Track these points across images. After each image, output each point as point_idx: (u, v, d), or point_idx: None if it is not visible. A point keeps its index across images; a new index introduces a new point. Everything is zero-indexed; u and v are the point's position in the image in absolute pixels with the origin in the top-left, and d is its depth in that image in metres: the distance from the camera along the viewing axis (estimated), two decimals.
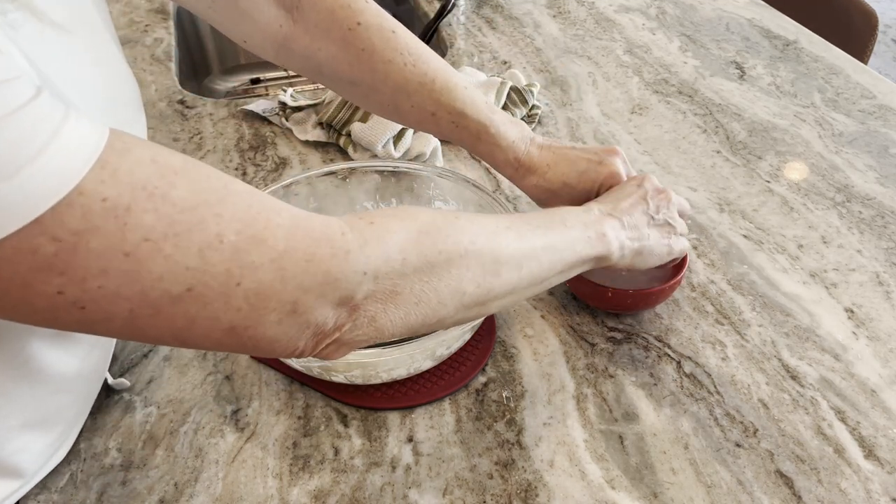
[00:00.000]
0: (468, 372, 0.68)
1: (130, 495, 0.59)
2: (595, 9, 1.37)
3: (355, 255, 0.44)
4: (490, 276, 0.51)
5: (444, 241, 0.49)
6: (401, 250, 0.46)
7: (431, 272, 0.48)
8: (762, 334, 0.73)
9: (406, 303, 0.47)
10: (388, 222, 0.47)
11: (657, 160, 0.97)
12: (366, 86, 0.68)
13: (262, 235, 0.40)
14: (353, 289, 0.44)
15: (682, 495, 0.59)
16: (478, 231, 0.51)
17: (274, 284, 0.41)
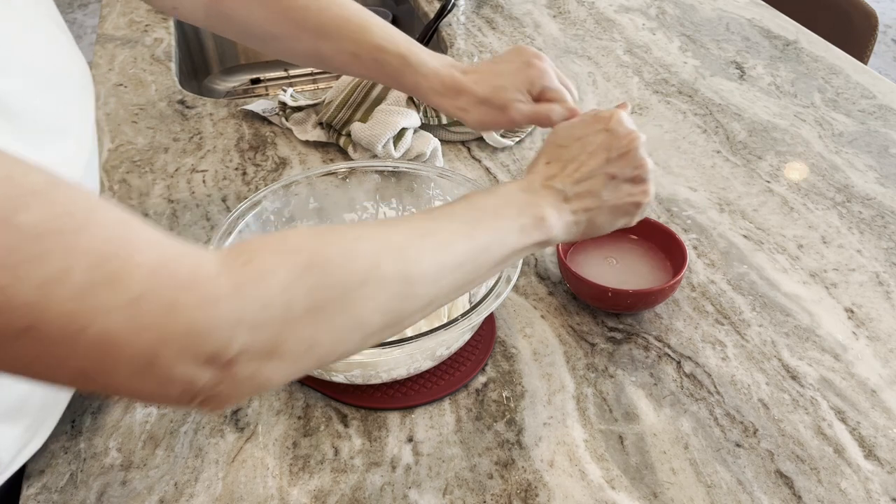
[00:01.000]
0: (468, 372, 0.68)
1: (130, 495, 0.59)
2: (595, 9, 1.37)
3: (226, 303, 0.37)
4: (400, 299, 0.45)
5: (338, 273, 0.42)
6: (283, 291, 0.40)
7: (324, 311, 0.41)
8: (762, 334, 0.73)
9: (293, 352, 0.41)
10: (266, 260, 0.40)
11: (657, 160, 0.97)
12: (288, 37, 0.69)
13: (118, 275, 0.35)
14: (223, 343, 0.38)
15: (682, 495, 0.59)
16: (382, 250, 0.45)
17: (125, 334, 0.35)
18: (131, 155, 0.98)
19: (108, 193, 0.91)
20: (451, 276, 0.48)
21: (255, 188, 0.92)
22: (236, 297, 0.38)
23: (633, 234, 0.79)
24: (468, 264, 0.49)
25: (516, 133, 1.01)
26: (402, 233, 0.47)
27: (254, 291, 0.39)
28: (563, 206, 0.56)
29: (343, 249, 0.43)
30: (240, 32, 0.72)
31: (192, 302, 0.37)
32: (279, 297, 0.39)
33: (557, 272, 0.79)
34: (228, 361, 0.38)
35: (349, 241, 0.44)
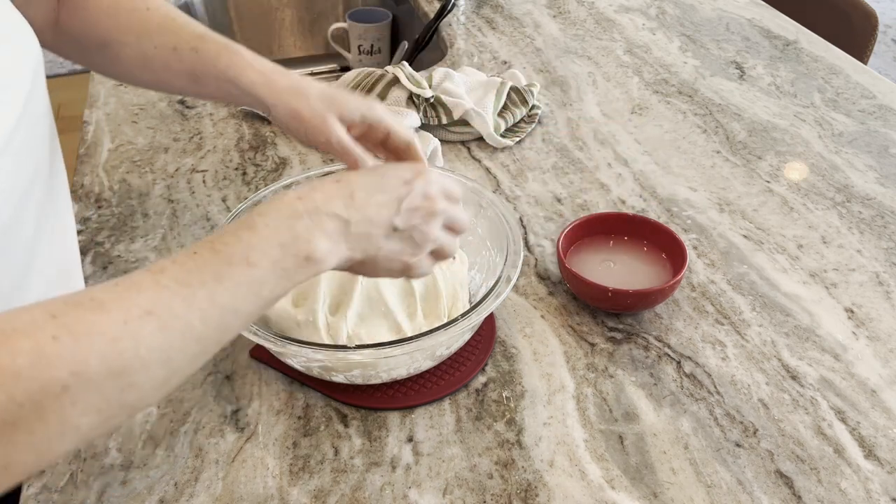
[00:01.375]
0: (468, 372, 0.68)
1: (130, 495, 0.59)
2: (595, 9, 1.37)
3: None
4: (117, 393, 0.39)
5: (27, 387, 0.36)
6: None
7: (15, 432, 0.36)
8: (762, 334, 0.73)
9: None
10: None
11: (657, 160, 0.97)
12: (115, 42, 0.67)
13: None
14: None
15: (682, 495, 0.59)
16: (84, 348, 0.38)
17: None
18: (131, 155, 0.98)
19: (108, 193, 0.92)
20: (187, 352, 0.42)
21: (255, 188, 0.92)
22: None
23: (633, 235, 0.79)
24: (211, 333, 0.43)
25: (516, 133, 1.01)
26: (118, 316, 0.40)
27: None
28: (341, 239, 0.50)
29: (34, 357, 0.37)
30: (76, 49, 0.70)
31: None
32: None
33: (557, 272, 0.80)
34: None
35: (43, 343, 0.37)
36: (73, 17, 0.68)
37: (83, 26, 0.69)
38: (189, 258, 0.44)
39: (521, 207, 0.89)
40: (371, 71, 1.01)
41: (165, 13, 0.68)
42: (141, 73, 0.68)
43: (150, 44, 0.66)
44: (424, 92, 0.97)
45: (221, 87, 0.65)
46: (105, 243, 0.84)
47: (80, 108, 1.09)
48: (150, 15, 0.67)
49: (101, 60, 0.71)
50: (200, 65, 0.65)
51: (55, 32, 0.70)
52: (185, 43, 0.65)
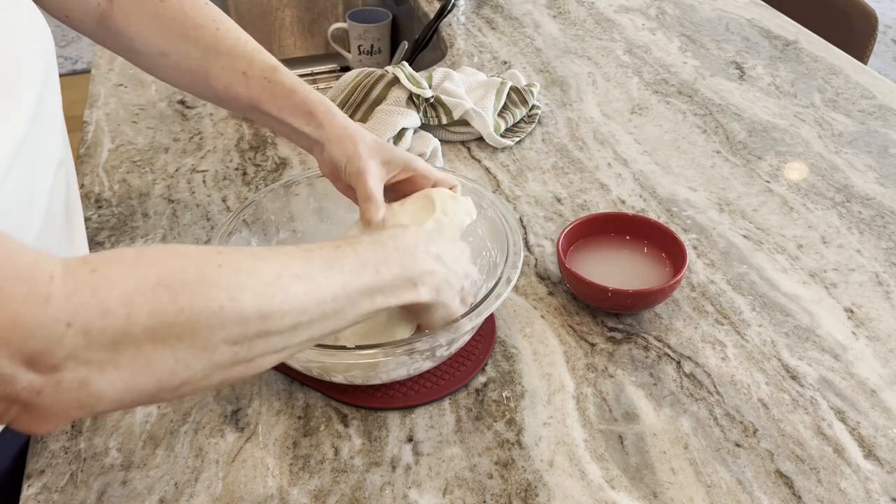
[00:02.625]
0: (468, 372, 0.68)
1: (130, 495, 0.59)
2: (595, 9, 1.37)
3: (57, 303, 0.37)
4: (253, 336, 0.44)
5: (189, 297, 0.41)
6: (125, 304, 0.38)
7: (169, 332, 0.40)
8: (762, 334, 0.73)
9: (132, 364, 0.39)
10: (113, 270, 0.39)
11: (657, 160, 0.97)
12: (176, 54, 0.68)
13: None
14: (50, 343, 0.36)
15: (682, 495, 0.59)
16: (244, 283, 0.43)
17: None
18: (131, 155, 0.98)
19: (108, 193, 0.92)
20: (310, 326, 0.47)
21: (255, 188, 0.92)
22: (71, 299, 0.37)
23: (633, 235, 0.79)
24: (331, 317, 0.49)
25: (516, 133, 1.01)
26: (273, 269, 0.46)
27: (91, 298, 0.38)
28: (441, 279, 0.57)
29: (201, 275, 0.42)
30: (126, 48, 0.71)
31: (20, 294, 0.36)
32: (119, 308, 0.38)
33: (557, 272, 0.80)
34: (54, 366, 0.37)
35: (210, 268, 0.43)
36: (132, 20, 0.69)
37: (142, 31, 0.69)
38: (333, 249, 0.51)
39: (521, 207, 0.89)
40: (371, 71, 1.01)
41: (237, 36, 0.69)
42: (197, 87, 0.71)
43: (218, 63, 0.68)
44: (424, 92, 0.97)
45: (284, 118, 0.67)
46: (105, 243, 0.84)
47: (80, 108, 1.09)
48: (221, 35, 0.68)
49: (151, 64, 0.71)
50: (268, 94, 0.67)
51: (101, 27, 0.70)
52: (258, 70, 0.67)
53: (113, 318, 0.38)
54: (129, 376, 0.40)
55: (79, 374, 0.38)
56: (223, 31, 0.68)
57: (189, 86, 0.72)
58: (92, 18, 0.69)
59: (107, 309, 0.38)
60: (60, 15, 0.69)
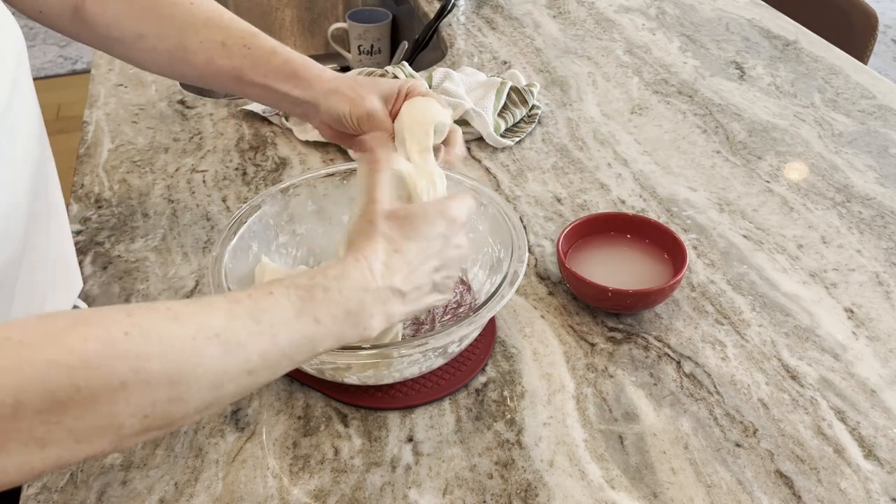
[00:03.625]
0: (468, 372, 0.68)
1: (130, 495, 0.59)
2: (595, 9, 1.37)
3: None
4: (166, 403, 0.41)
5: (87, 375, 0.38)
6: (14, 391, 0.36)
7: (64, 414, 0.37)
8: (762, 334, 0.73)
9: (24, 449, 0.37)
10: (3, 355, 0.37)
11: (657, 160, 0.97)
12: (153, 34, 0.68)
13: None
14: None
15: (682, 495, 0.59)
16: (153, 350, 0.40)
17: None
18: (131, 155, 0.98)
19: (108, 193, 0.92)
20: (237, 382, 0.44)
21: (255, 188, 0.92)
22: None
23: (633, 235, 0.79)
24: (261, 371, 0.45)
25: (516, 133, 1.01)
26: (188, 331, 0.42)
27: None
28: (397, 309, 0.53)
29: (100, 346, 0.38)
30: (104, 37, 0.70)
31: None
32: (7, 397, 0.36)
33: (557, 272, 0.80)
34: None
35: (113, 336, 0.39)
36: (106, 7, 0.68)
37: (117, 16, 0.68)
38: (265, 297, 0.46)
39: (521, 207, 0.89)
40: (371, 71, 1.01)
41: (213, 8, 0.68)
42: (178, 67, 0.69)
43: (195, 38, 0.67)
44: None
45: (270, 84, 0.66)
46: (105, 243, 0.84)
47: (80, 108, 1.09)
48: (195, 9, 0.67)
49: (130, 51, 0.71)
50: (250, 61, 0.66)
51: (75, 19, 0.69)
52: (237, 38, 0.66)
53: (0, 409, 0.36)
54: (23, 460, 0.37)
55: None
56: (197, 5, 0.67)
57: (169, 66, 0.70)
58: (66, 11, 0.69)
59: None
60: (34, 12, 0.68)
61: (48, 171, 0.65)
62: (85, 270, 0.80)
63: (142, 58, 0.71)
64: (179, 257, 0.82)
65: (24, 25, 3.10)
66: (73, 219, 0.88)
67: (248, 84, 0.67)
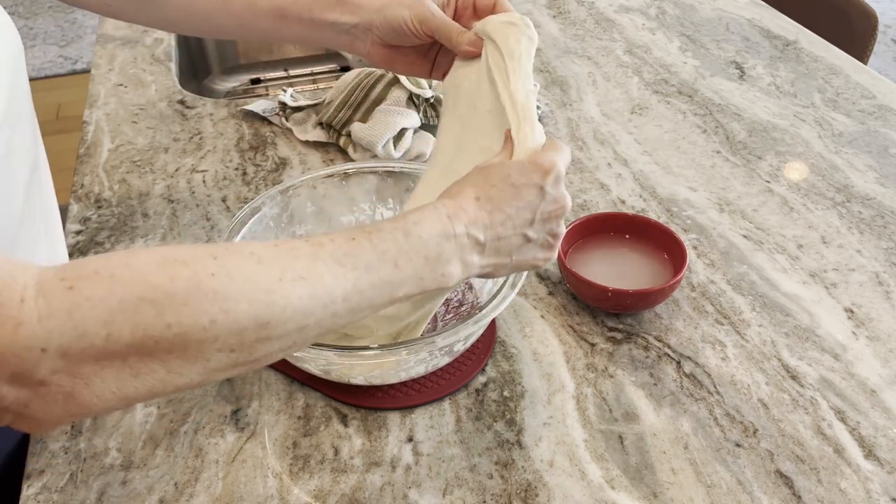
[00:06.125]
0: (468, 372, 0.68)
1: (130, 495, 0.59)
2: (595, 9, 1.37)
3: (29, 329, 0.36)
4: (252, 342, 0.42)
5: (177, 312, 0.39)
6: (104, 325, 0.37)
7: (156, 347, 0.39)
8: (762, 334, 0.73)
9: (118, 377, 0.38)
10: (91, 287, 0.38)
11: (657, 160, 0.97)
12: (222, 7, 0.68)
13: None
14: (28, 366, 0.36)
15: (682, 495, 0.59)
16: (240, 291, 0.41)
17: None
18: (131, 155, 0.98)
19: (108, 193, 0.92)
20: (321, 324, 0.45)
21: (255, 188, 0.92)
22: (44, 323, 0.36)
23: (633, 235, 0.79)
24: (343, 313, 0.46)
25: None
26: (274, 272, 0.43)
27: (66, 321, 0.37)
28: (476, 258, 0.52)
29: (191, 286, 0.39)
30: (171, 18, 0.70)
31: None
32: (99, 329, 0.37)
33: (557, 272, 0.80)
34: (38, 381, 0.37)
35: (202, 276, 0.40)
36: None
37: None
38: (346, 241, 0.47)
39: None
40: (371, 71, 1.01)
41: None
42: (217, 18, 0.68)
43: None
44: (424, 92, 0.97)
45: (315, 17, 0.65)
46: (105, 243, 0.84)
47: (80, 108, 1.09)
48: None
49: (164, 9, 0.69)
50: (314, 5, 0.65)
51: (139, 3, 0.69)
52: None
53: (92, 339, 0.37)
54: (117, 388, 0.39)
55: (64, 387, 0.38)
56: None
57: (207, 21, 0.69)
58: None
59: (84, 331, 0.37)
60: (101, 6, 0.69)
61: (42, 175, 0.65)
62: None
63: (177, 16, 0.70)
64: None
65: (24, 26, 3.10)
66: (73, 219, 0.88)
67: (292, 21, 0.66)
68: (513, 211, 0.53)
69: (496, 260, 0.53)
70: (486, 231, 0.52)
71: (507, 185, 0.53)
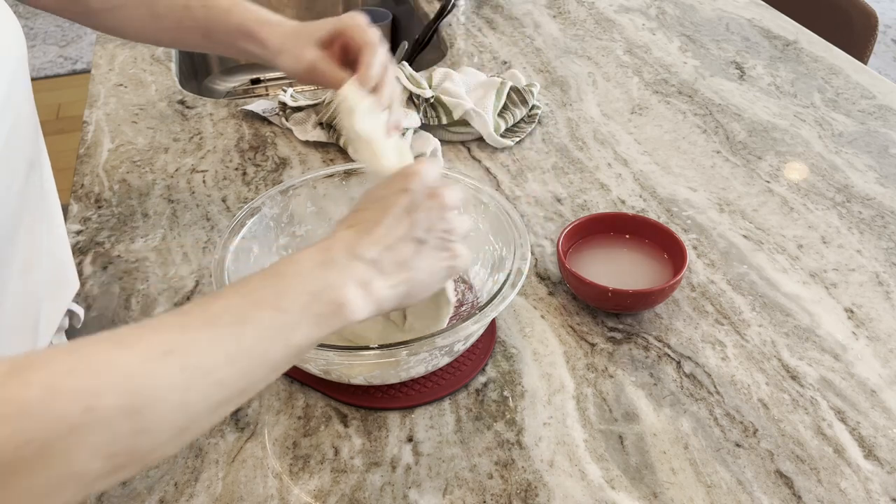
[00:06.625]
0: (468, 372, 0.68)
1: (130, 495, 0.59)
2: (595, 9, 1.37)
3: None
4: (131, 437, 0.37)
5: (34, 426, 0.34)
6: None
7: (15, 471, 0.34)
8: (762, 334, 0.73)
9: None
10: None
11: (657, 160, 0.97)
12: (127, 5, 0.70)
13: None
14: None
15: (682, 495, 0.59)
16: (101, 384, 0.36)
17: None
18: (131, 155, 0.98)
19: (108, 193, 0.92)
20: (208, 397, 0.40)
21: (255, 188, 0.92)
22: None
23: (633, 235, 0.79)
24: (235, 379, 0.41)
25: (516, 133, 1.01)
26: (136, 354, 0.38)
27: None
28: (376, 278, 0.48)
29: (46, 390, 0.35)
30: (86, 10, 0.72)
31: None
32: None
33: (557, 272, 0.80)
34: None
35: (56, 377, 0.35)
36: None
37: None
38: (214, 301, 0.43)
39: (521, 207, 0.89)
40: None
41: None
42: (153, 33, 0.72)
43: (162, 3, 0.69)
44: (424, 92, 0.97)
45: (233, 43, 0.69)
46: (105, 243, 0.84)
47: (80, 108, 1.09)
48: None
49: (110, 20, 0.73)
50: (212, 20, 0.68)
51: None
52: (197, 0, 0.68)
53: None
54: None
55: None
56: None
57: (145, 33, 0.73)
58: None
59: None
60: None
61: (44, 174, 0.65)
62: (85, 270, 0.80)
63: (123, 27, 0.73)
64: (179, 257, 0.82)
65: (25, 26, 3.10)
66: (73, 219, 0.88)
67: (216, 42, 0.69)
68: (389, 220, 0.50)
69: (402, 275, 0.50)
70: (371, 248, 0.49)
71: (373, 202, 0.52)
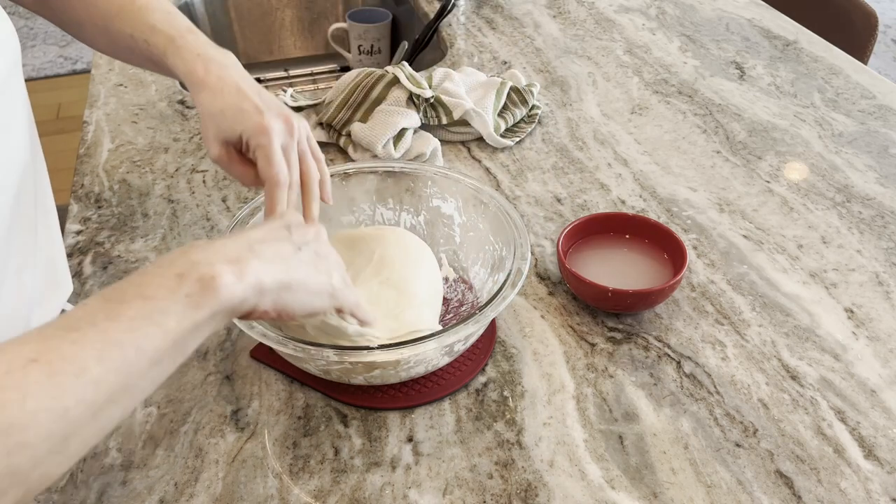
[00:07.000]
0: (468, 372, 0.68)
1: (130, 495, 0.59)
2: (595, 9, 1.37)
3: None
4: (4, 456, 0.35)
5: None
6: None
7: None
8: (762, 334, 0.73)
9: None
10: None
11: (657, 160, 0.97)
12: (89, 24, 0.69)
13: None
14: None
15: (682, 495, 0.59)
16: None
17: None
18: (131, 155, 0.98)
19: (108, 193, 0.92)
20: (87, 401, 0.37)
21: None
22: None
23: (633, 235, 0.79)
24: (112, 376, 0.39)
25: (516, 133, 1.01)
26: (3, 361, 0.36)
27: None
28: (254, 261, 0.46)
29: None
30: (60, 21, 0.73)
31: None
32: None
33: (557, 272, 0.80)
34: None
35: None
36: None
37: (61, 6, 0.71)
38: (77, 308, 0.41)
39: (521, 207, 0.89)
40: (371, 71, 1.01)
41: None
42: (115, 53, 0.72)
43: (114, 28, 0.67)
44: (424, 92, 0.97)
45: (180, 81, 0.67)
46: (105, 243, 0.84)
47: (80, 108, 1.09)
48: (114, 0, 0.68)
49: (79, 36, 0.73)
50: (153, 56, 0.66)
51: (39, 3, 0.72)
52: (140, 33, 0.66)
53: None
54: None
55: None
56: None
57: (109, 52, 0.73)
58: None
59: None
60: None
61: (39, 175, 0.65)
62: (85, 270, 0.80)
63: (92, 42, 0.73)
64: None
65: (25, 26, 3.10)
66: (73, 219, 0.88)
67: (168, 72, 0.67)
68: (265, 229, 0.51)
69: (279, 265, 0.48)
70: (242, 238, 0.48)
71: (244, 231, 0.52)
